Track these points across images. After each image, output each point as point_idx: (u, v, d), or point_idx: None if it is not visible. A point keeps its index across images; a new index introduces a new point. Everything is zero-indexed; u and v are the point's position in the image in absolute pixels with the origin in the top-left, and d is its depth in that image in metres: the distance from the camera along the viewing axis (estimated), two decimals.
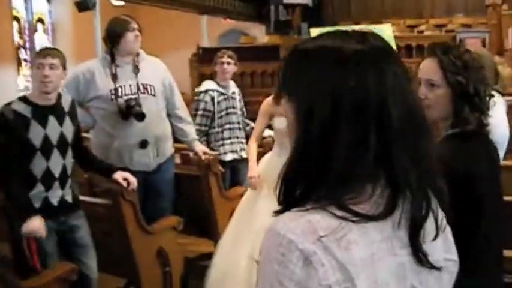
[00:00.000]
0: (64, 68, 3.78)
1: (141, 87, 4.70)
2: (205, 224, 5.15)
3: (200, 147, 5.14)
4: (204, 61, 12.63)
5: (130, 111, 4.59)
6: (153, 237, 4.35)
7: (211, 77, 5.95)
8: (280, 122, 4.76)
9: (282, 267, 1.08)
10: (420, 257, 1.16)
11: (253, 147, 4.98)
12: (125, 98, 4.62)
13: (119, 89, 4.64)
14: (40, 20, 14.31)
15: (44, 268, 3.64)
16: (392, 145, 1.13)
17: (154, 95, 4.76)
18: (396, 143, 1.13)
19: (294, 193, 1.17)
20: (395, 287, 1.13)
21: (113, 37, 4.69)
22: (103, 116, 4.68)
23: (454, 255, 1.27)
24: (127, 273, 4.39)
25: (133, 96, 4.64)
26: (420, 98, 1.21)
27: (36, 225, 3.58)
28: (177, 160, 5.67)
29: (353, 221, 1.09)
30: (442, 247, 1.24)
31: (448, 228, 1.27)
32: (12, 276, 3.34)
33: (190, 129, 5.17)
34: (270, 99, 4.89)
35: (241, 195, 5.34)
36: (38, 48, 13.84)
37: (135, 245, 4.20)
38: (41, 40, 14.20)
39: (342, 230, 1.09)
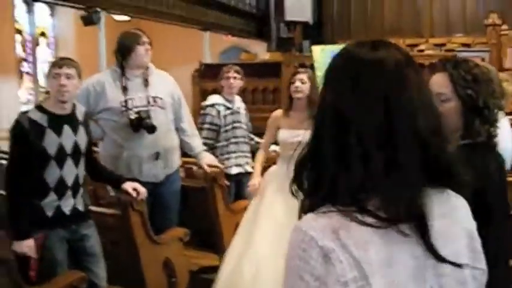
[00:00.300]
0: (80, 78, 3.86)
1: (151, 99, 4.77)
2: (209, 237, 5.19)
3: (206, 160, 5.19)
4: (206, 77, 12.74)
5: (141, 124, 4.66)
6: (161, 247, 4.39)
7: (214, 92, 6.02)
8: (285, 134, 4.83)
9: (303, 263, 1.16)
10: (434, 253, 1.19)
11: (260, 156, 5.11)
12: (136, 110, 4.69)
13: (129, 101, 4.71)
14: (43, 34, 14.38)
15: (53, 276, 3.69)
16: (404, 149, 1.18)
17: (163, 108, 4.83)
18: (411, 146, 1.19)
19: (318, 194, 1.24)
20: (413, 287, 1.18)
21: (124, 50, 4.77)
22: (113, 128, 4.75)
23: (482, 264, 1.31)
24: (133, 284, 4.42)
25: (144, 109, 4.71)
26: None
27: (28, 246, 3.64)
28: (181, 174, 5.71)
29: (374, 225, 1.16)
30: (468, 255, 1.27)
31: (476, 236, 1.31)
32: (22, 282, 3.38)
33: (197, 142, 5.23)
34: (279, 111, 4.98)
35: (246, 209, 5.41)
36: (40, 62, 13.94)
37: (142, 255, 4.24)
38: (44, 54, 14.26)
39: (361, 231, 1.15)
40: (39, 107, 3.86)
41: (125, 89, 4.73)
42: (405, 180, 1.17)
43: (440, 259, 1.19)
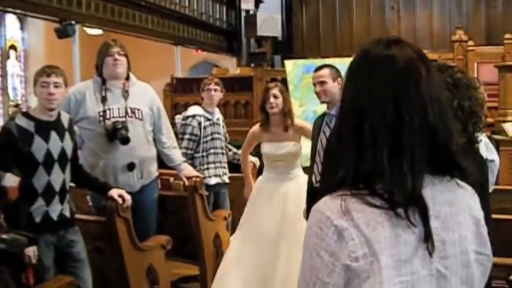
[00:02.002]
0: (66, 86, 3.93)
1: (129, 111, 4.83)
2: (187, 247, 5.24)
3: (185, 172, 5.25)
4: (178, 91, 12.82)
5: (116, 135, 4.71)
6: (145, 254, 4.44)
7: (186, 105, 6.12)
8: (268, 148, 5.08)
9: (319, 240, 1.28)
10: (427, 239, 1.28)
11: (246, 167, 5.51)
12: (113, 120, 4.74)
13: (107, 112, 4.76)
14: (13, 47, 14.29)
15: (41, 281, 3.72)
16: (411, 140, 1.30)
17: (141, 119, 4.89)
18: (418, 137, 1.30)
19: (335, 179, 1.35)
20: (420, 268, 1.28)
21: (98, 61, 4.88)
22: (90, 137, 4.79)
23: (487, 250, 1.40)
24: None
25: (121, 120, 4.76)
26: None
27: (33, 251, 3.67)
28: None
29: (382, 207, 1.27)
30: (475, 241, 1.37)
31: (483, 223, 1.41)
32: (14, 286, 3.41)
33: (177, 154, 5.29)
34: (257, 126, 5.18)
35: (224, 218, 5.51)
36: (9, 75, 13.84)
37: (127, 261, 4.28)
38: (13, 67, 14.17)
39: (372, 212, 1.27)
40: (26, 114, 3.92)
41: (104, 99, 4.79)
42: (410, 168, 1.28)
43: (432, 245, 1.28)
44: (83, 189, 4.68)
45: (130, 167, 4.81)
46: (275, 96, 5.04)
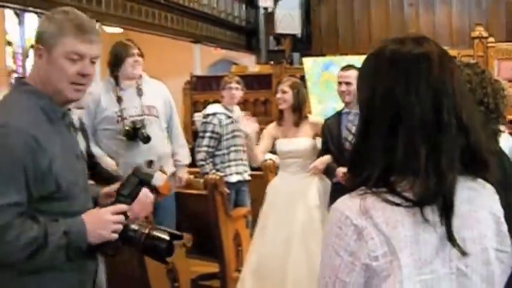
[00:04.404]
0: None
1: (145, 109, 4.87)
2: (207, 244, 5.24)
3: (181, 175, 5.23)
4: (197, 89, 12.84)
5: (137, 134, 4.75)
6: None
7: (205, 103, 6.10)
8: (281, 144, 5.00)
9: (338, 239, 1.28)
10: (452, 238, 1.28)
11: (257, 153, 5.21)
12: (131, 119, 4.77)
13: (124, 111, 4.80)
14: (32, 46, 14.33)
15: None
16: (440, 141, 1.29)
17: (157, 116, 4.92)
18: (446, 136, 1.29)
19: (356, 178, 1.34)
20: (439, 266, 1.28)
21: (115, 62, 4.89)
22: (109, 137, 4.84)
23: (507, 247, 1.39)
24: None
25: (139, 118, 4.79)
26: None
27: None
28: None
29: (402, 205, 1.26)
30: (495, 238, 1.36)
31: (503, 221, 1.40)
32: None
33: (184, 153, 5.28)
34: (273, 123, 5.12)
35: (244, 216, 5.51)
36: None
37: (147, 261, 4.29)
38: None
39: (391, 211, 1.26)
40: None
41: (119, 99, 4.82)
42: (448, 167, 1.27)
43: (454, 243, 1.28)
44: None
45: (150, 164, 4.83)
46: (283, 91, 4.99)
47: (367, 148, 1.34)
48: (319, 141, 4.95)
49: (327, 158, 4.65)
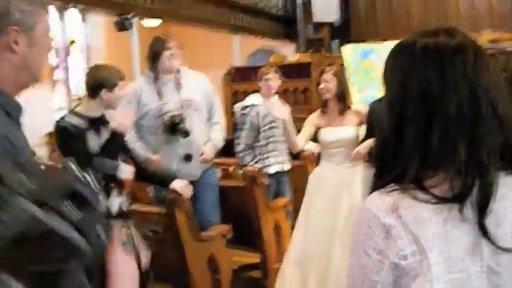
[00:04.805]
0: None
1: (185, 103, 4.90)
2: (248, 235, 5.27)
3: (206, 149, 5.02)
4: (237, 79, 12.84)
5: (176, 128, 4.79)
6: (205, 244, 4.50)
7: (245, 94, 6.10)
8: (324, 133, 4.95)
9: (367, 238, 1.27)
10: (487, 235, 1.25)
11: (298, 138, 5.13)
12: (170, 114, 4.80)
13: (164, 106, 4.84)
14: (74, 41, 14.55)
15: None
16: (479, 134, 1.26)
17: (197, 110, 4.95)
18: (484, 132, 1.27)
19: (384, 175, 1.33)
20: (470, 264, 1.25)
21: (153, 56, 4.95)
22: (149, 132, 4.88)
23: None
24: (179, 281, 4.52)
25: (178, 113, 4.82)
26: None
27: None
28: (218, 174, 5.79)
29: (431, 202, 1.24)
30: None
31: None
32: None
33: (216, 137, 5.16)
34: (317, 112, 5.08)
35: (285, 207, 5.51)
36: (72, 69, 14.12)
37: (188, 252, 4.34)
38: (76, 61, 14.45)
39: (420, 209, 1.24)
40: (73, 112, 4.02)
41: (159, 93, 4.87)
42: (489, 161, 1.25)
43: (490, 241, 1.25)
44: (144, 183, 4.77)
45: (188, 158, 4.87)
46: (326, 81, 4.94)
47: (399, 144, 1.32)
48: (363, 130, 4.89)
49: (369, 142, 4.56)
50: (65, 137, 3.87)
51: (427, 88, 1.29)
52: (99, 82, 3.96)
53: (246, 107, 5.83)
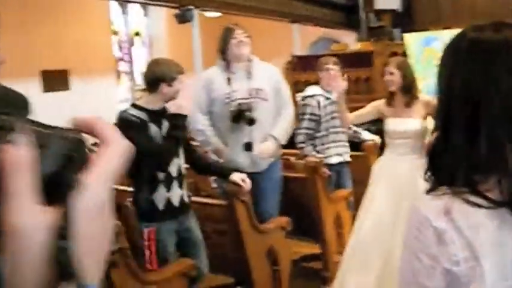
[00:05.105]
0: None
1: (253, 91, 4.94)
2: (309, 226, 5.25)
3: (263, 146, 4.97)
4: (298, 69, 12.82)
5: (241, 116, 4.82)
6: (265, 236, 4.51)
7: (307, 83, 6.07)
8: (390, 124, 4.89)
9: (418, 242, 1.22)
10: None
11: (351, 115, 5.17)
12: (238, 102, 4.84)
13: (233, 94, 4.89)
14: (137, 34, 14.77)
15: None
16: None
17: (265, 99, 4.97)
18: None
19: (437, 177, 1.29)
20: None
21: (222, 45, 5.03)
22: (218, 119, 4.96)
23: None
24: (237, 272, 4.56)
25: (246, 101, 4.86)
26: None
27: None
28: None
29: (484, 207, 1.19)
30: None
31: None
32: (136, 267, 3.52)
33: (279, 131, 5.06)
34: (382, 100, 5.04)
35: (345, 198, 5.47)
36: (135, 61, 14.34)
37: (247, 243, 4.36)
38: (139, 53, 14.66)
39: (474, 213, 1.19)
40: (135, 105, 4.07)
41: (229, 81, 4.92)
42: None
43: None
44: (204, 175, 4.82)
45: (248, 147, 4.89)
46: (390, 73, 4.90)
47: (447, 144, 1.28)
48: (430, 121, 4.81)
49: None
50: (127, 128, 3.91)
51: (470, 85, 1.25)
52: (157, 77, 3.98)
53: (306, 97, 5.81)
